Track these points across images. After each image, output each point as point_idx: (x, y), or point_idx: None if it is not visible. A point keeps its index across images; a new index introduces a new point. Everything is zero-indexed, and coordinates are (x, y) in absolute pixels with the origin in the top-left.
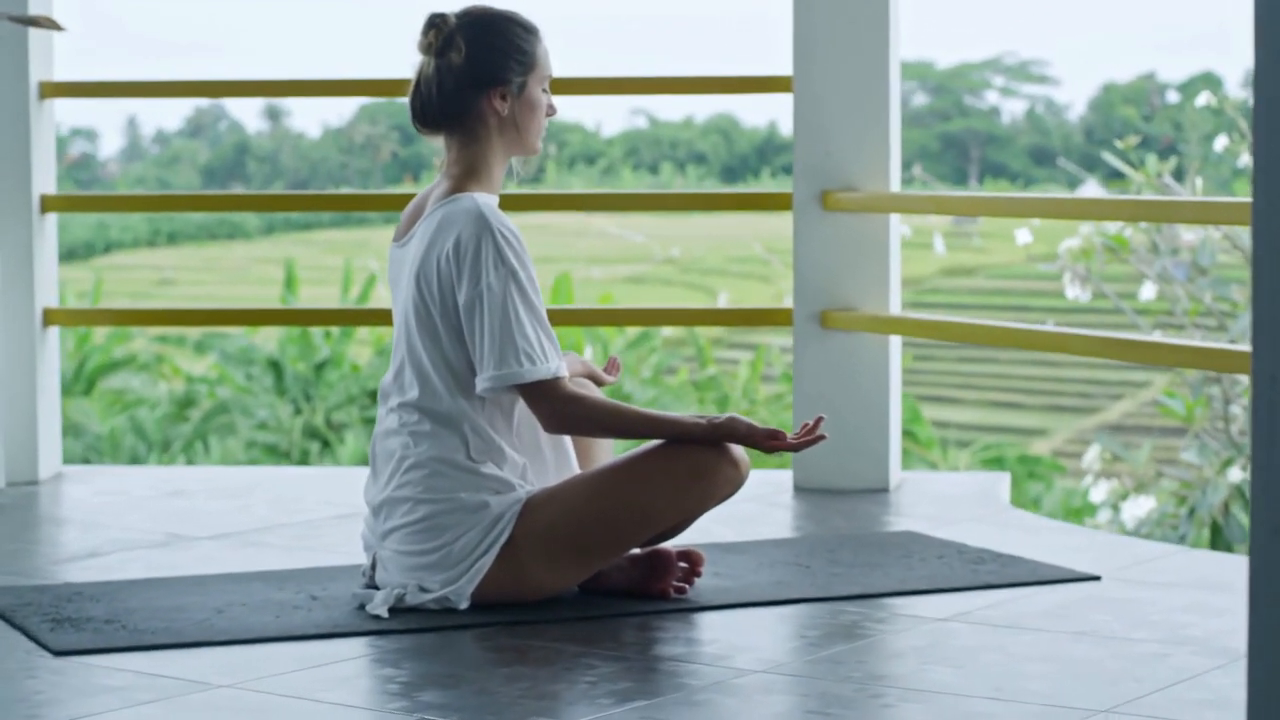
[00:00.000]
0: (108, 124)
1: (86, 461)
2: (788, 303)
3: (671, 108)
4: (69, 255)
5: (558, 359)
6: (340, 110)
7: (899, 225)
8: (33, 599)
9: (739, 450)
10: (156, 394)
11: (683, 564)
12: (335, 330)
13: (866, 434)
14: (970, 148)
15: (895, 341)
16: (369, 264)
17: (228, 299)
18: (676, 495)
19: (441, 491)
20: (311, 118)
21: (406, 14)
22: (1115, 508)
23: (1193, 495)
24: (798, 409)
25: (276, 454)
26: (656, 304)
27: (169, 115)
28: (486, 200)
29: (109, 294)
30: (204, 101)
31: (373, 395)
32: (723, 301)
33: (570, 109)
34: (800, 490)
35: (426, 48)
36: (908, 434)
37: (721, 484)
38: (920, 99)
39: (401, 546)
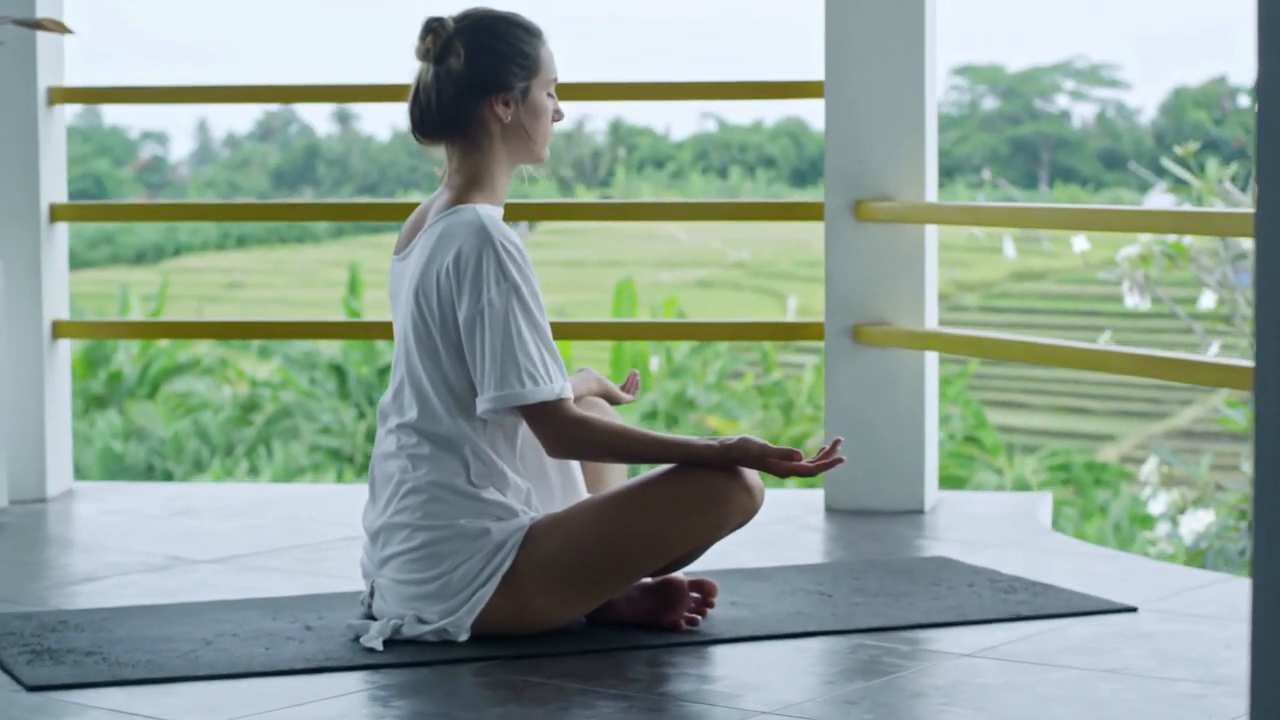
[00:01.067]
0: (178, 127)
1: (149, 467)
2: None
3: (741, 111)
4: (138, 258)
5: (562, 379)
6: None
7: (935, 236)
8: (16, 628)
9: (752, 476)
10: (220, 398)
11: (695, 594)
12: None
13: (901, 453)
14: (1040, 151)
15: (931, 357)
16: None
17: (295, 302)
18: (686, 523)
19: (440, 517)
20: (381, 121)
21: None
22: (1174, 520)
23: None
24: (830, 427)
25: (340, 458)
26: (723, 308)
27: (240, 118)
28: (489, 212)
29: (175, 297)
30: (274, 105)
31: None
32: (792, 307)
33: (639, 113)
34: (832, 511)
35: (424, 54)
36: (973, 440)
37: (734, 511)
38: (990, 102)
39: (399, 575)
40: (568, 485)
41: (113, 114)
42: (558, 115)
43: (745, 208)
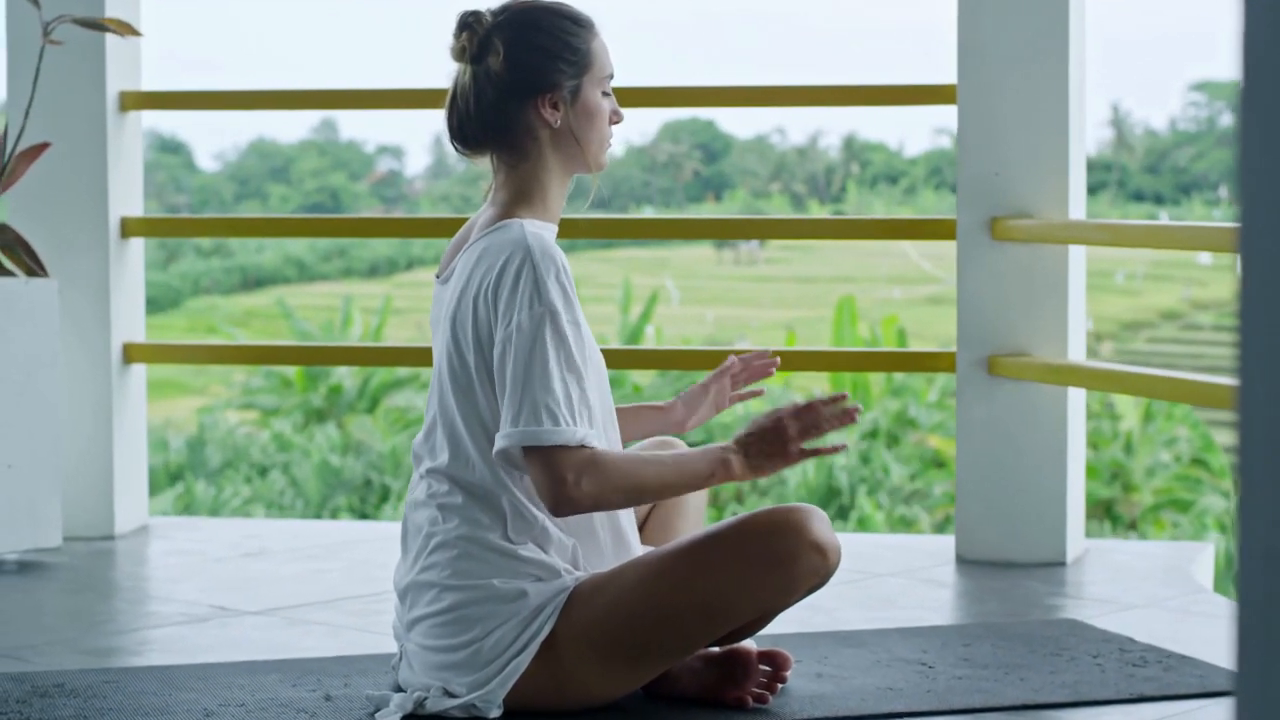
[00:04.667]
0: (414, 141)
1: (366, 481)
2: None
3: None
4: (371, 271)
5: (589, 426)
6: (643, 128)
7: (1081, 258)
8: (3, 691)
9: (826, 534)
10: None
11: (765, 666)
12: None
13: (1041, 498)
14: None
15: (1076, 393)
16: (663, 282)
17: None
18: (749, 587)
19: (472, 576)
20: (616, 134)
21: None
22: None
23: None
24: (962, 466)
25: None
26: (946, 326)
27: None
28: (536, 229)
29: (400, 311)
30: None
31: None
32: None
33: (872, 128)
34: (963, 562)
35: (460, 53)
36: (1199, 463)
37: (803, 574)
38: (1229, 119)
39: (426, 640)
40: (619, 541)
41: (349, 128)
42: (616, 117)
43: (867, 225)
